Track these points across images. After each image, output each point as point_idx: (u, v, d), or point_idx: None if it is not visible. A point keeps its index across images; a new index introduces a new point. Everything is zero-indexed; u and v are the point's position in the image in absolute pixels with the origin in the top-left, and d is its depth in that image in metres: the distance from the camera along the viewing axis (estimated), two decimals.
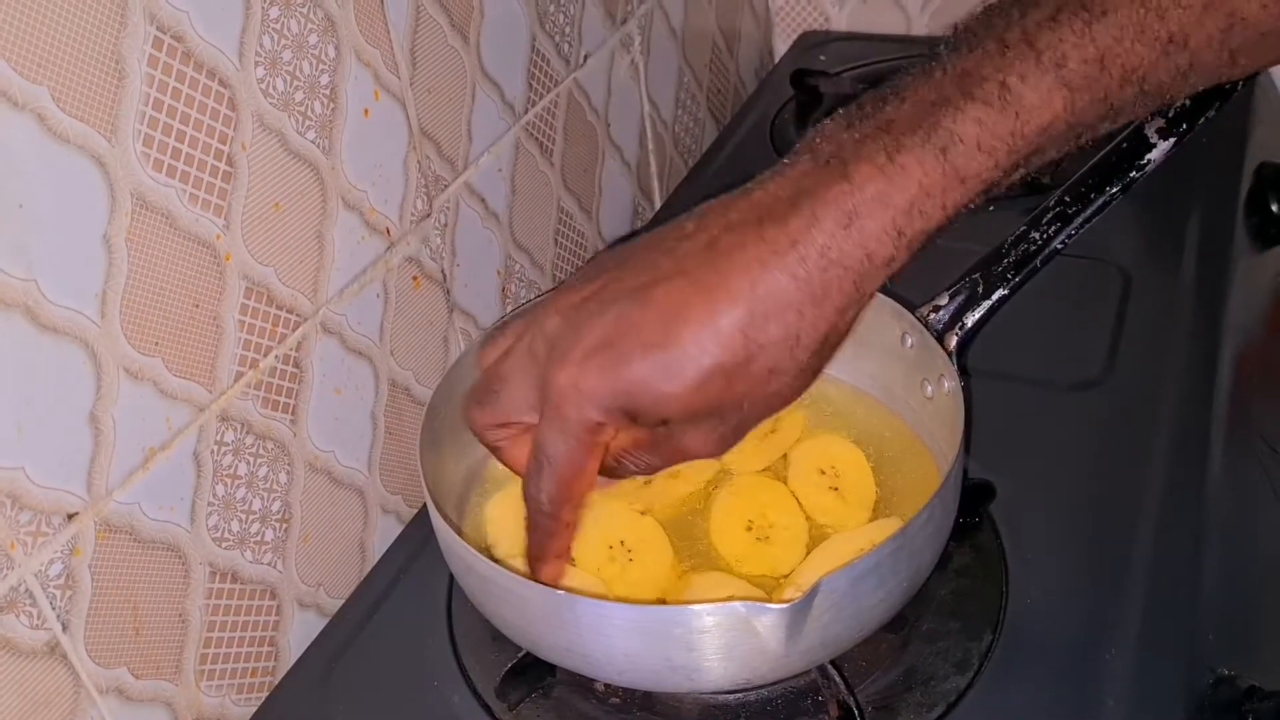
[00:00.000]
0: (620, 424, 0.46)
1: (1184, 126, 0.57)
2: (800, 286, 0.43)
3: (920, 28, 1.18)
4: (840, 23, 1.21)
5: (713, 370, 0.44)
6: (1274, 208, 0.86)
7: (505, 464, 0.51)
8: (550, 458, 0.47)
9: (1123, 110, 0.44)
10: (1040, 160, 0.44)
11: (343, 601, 0.67)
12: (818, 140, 0.45)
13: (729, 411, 0.46)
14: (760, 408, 0.46)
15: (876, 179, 0.43)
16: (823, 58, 1.15)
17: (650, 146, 0.98)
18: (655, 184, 1.00)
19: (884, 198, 0.43)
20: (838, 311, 0.44)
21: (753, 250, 0.43)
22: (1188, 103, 0.57)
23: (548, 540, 0.51)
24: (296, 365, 0.62)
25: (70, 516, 0.50)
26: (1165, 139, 0.57)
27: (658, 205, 1.01)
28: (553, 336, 0.46)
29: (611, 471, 0.50)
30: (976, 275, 0.60)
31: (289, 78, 0.58)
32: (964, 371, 0.59)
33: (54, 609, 0.50)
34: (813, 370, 0.46)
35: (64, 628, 0.51)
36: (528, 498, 0.49)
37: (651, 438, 0.47)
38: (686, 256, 0.45)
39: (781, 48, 1.23)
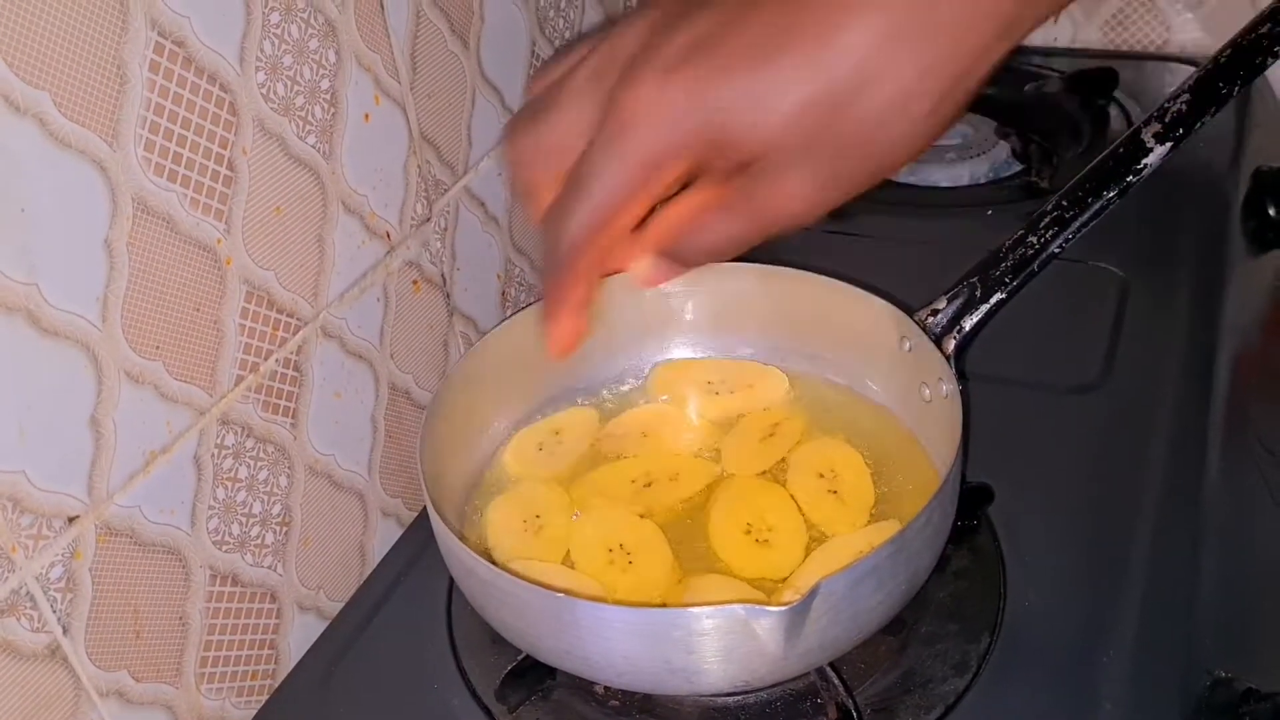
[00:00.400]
0: (696, 156, 0.39)
1: (1180, 131, 0.57)
2: (936, 14, 0.37)
3: None
4: None
5: (816, 97, 0.37)
6: (1271, 212, 0.86)
7: (536, 217, 0.43)
8: (597, 179, 0.39)
9: None
10: None
11: (343, 604, 0.67)
12: None
13: (826, 154, 0.39)
14: (860, 160, 0.39)
15: None
16: None
17: None
18: None
19: None
20: (973, 55, 0.38)
21: None
22: (1184, 107, 0.57)
23: (565, 287, 0.42)
24: (297, 369, 0.62)
25: (71, 520, 0.50)
26: (1162, 143, 0.57)
27: None
28: (627, 55, 0.39)
29: (685, 253, 0.43)
30: (974, 279, 0.60)
31: (290, 83, 0.58)
32: (962, 375, 0.59)
33: (55, 612, 0.50)
34: (927, 132, 0.39)
35: (65, 630, 0.51)
36: (548, 229, 0.41)
37: (733, 193, 0.40)
38: None
39: None
